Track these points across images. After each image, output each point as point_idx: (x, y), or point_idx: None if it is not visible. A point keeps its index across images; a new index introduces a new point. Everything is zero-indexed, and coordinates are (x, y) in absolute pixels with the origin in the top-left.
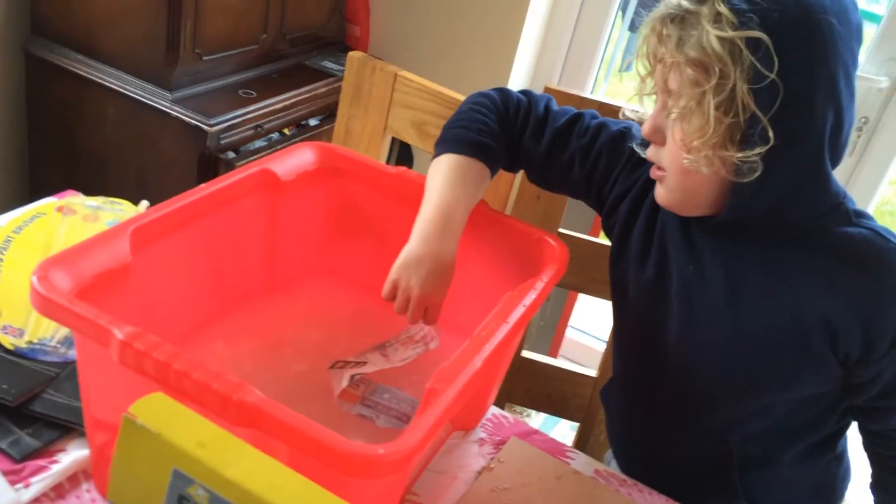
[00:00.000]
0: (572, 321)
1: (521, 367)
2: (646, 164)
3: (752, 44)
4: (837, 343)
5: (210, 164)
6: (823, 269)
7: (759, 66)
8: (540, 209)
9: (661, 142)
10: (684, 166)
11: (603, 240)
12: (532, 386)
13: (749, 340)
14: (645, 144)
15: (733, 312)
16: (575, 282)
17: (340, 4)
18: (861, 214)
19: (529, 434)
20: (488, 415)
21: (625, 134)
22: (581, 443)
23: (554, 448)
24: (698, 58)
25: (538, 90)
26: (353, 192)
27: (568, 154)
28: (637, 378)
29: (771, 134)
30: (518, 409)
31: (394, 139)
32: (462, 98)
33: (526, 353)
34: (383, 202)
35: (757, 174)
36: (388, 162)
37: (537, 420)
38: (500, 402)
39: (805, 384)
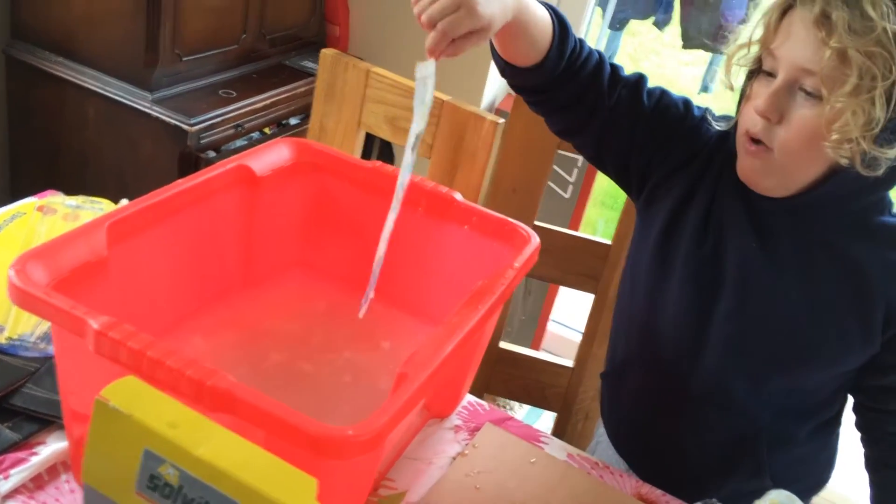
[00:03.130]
0: (554, 315)
1: (499, 359)
2: (700, 137)
3: None
4: (890, 323)
5: (190, 164)
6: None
7: None
8: (516, 202)
9: (777, 120)
10: (797, 149)
11: (581, 233)
12: (509, 377)
13: (811, 315)
14: (717, 119)
15: (798, 287)
16: (553, 274)
17: (320, 5)
18: None
19: (504, 420)
20: (464, 402)
21: (687, 104)
22: (559, 432)
23: (528, 434)
24: (873, 49)
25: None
26: (329, 187)
27: (633, 113)
28: (668, 356)
29: None
30: (501, 401)
31: (373, 136)
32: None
33: (503, 345)
34: (359, 196)
35: (882, 170)
36: (370, 158)
37: (521, 413)
38: (478, 393)
39: (847, 360)
